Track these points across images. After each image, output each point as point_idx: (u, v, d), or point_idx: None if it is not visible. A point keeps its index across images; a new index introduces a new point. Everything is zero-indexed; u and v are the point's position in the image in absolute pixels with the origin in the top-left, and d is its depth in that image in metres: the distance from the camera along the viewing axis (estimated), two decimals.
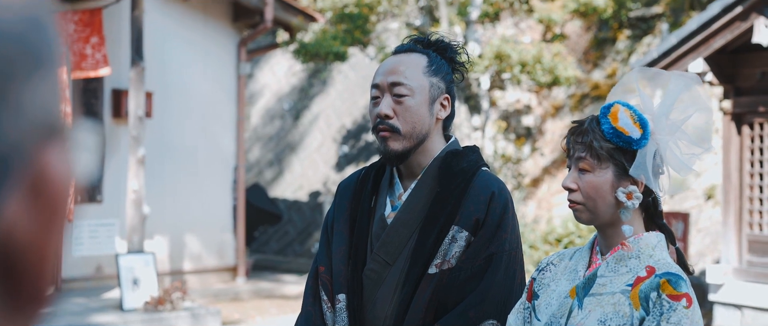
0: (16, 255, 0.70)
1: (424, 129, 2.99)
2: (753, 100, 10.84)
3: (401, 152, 2.98)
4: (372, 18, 17.49)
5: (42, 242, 0.72)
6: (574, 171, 2.64)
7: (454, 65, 3.13)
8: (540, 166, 17.78)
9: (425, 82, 2.99)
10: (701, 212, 13.99)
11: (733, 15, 10.27)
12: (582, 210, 2.64)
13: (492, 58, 15.79)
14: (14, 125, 0.69)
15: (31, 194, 0.70)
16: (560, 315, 2.65)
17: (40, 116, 0.72)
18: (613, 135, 2.57)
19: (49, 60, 0.73)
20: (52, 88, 0.73)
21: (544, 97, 18.73)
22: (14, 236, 0.70)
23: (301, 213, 20.23)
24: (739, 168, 11.00)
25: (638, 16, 18.10)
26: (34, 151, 0.71)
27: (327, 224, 3.21)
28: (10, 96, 0.69)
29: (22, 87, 0.70)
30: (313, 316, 3.07)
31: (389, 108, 2.97)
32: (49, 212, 0.72)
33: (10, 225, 0.69)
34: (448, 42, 3.14)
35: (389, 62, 3.05)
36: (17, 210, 0.70)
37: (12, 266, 0.70)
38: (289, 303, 13.94)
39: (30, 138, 0.71)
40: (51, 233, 0.72)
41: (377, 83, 3.02)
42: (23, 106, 0.70)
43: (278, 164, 22.51)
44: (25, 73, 0.70)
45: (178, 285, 11.54)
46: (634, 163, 2.57)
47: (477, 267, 2.90)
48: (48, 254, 0.73)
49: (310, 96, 23.40)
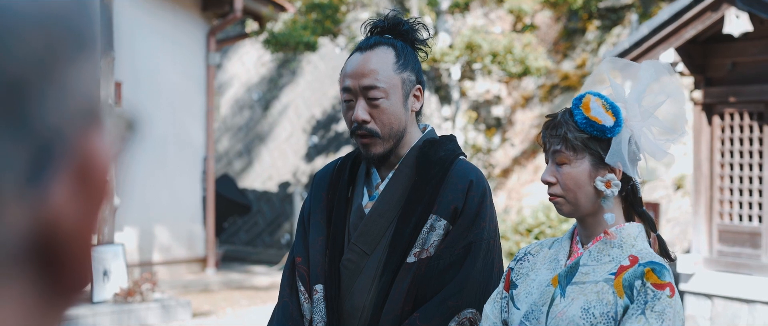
0: (62, 243, 0.68)
1: (401, 126, 2.97)
2: (723, 91, 10.89)
3: (383, 154, 2.97)
4: (342, 8, 17.46)
5: (87, 230, 0.70)
6: (552, 165, 2.64)
7: (415, 47, 3.09)
8: (510, 157, 17.81)
9: (397, 80, 2.95)
10: (670, 202, 14.05)
11: (704, 5, 10.30)
12: (563, 203, 2.64)
13: (462, 48, 15.80)
14: (59, 110, 0.67)
15: (76, 181, 0.68)
16: (542, 303, 2.64)
17: (83, 100, 0.69)
18: (587, 125, 2.57)
19: (91, 42, 0.71)
20: (94, 72, 0.71)
21: (514, 88, 18.75)
22: (60, 224, 0.67)
23: (271, 204, 20.18)
24: (709, 158, 11.05)
25: (608, 6, 18.15)
26: (78, 137, 0.69)
27: (303, 215, 3.17)
28: (55, 79, 0.67)
29: (67, 70, 0.68)
30: (290, 307, 3.03)
31: (365, 112, 2.93)
32: (94, 199, 0.70)
33: (56, 213, 0.67)
34: (407, 22, 3.09)
35: (357, 62, 2.97)
36: (63, 198, 0.67)
37: (58, 254, 0.68)
38: (259, 294, 13.90)
39: (74, 123, 0.68)
40: (95, 221, 0.70)
41: (349, 87, 2.95)
42: (67, 89, 0.68)
43: (247, 155, 22.44)
44: (69, 55, 0.68)
45: (147, 277, 11.47)
46: (609, 151, 2.57)
47: (456, 256, 2.88)
48: (90, 242, 0.71)
49: (279, 86, 23.34)
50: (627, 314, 2.48)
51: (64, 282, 0.70)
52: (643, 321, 2.44)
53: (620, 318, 2.49)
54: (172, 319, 11.33)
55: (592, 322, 2.51)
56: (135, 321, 10.99)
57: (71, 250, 0.69)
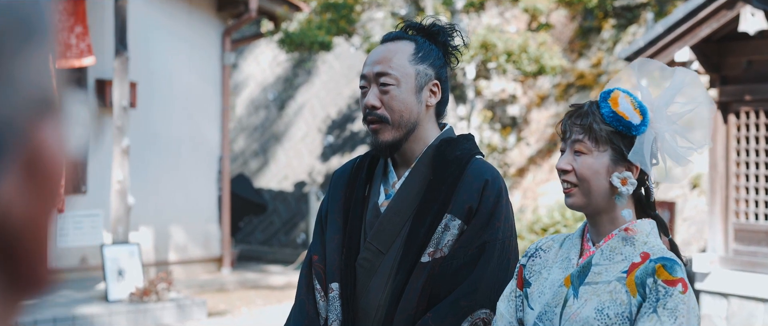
0: (13, 235, 0.67)
1: (412, 117, 2.97)
2: (739, 89, 10.85)
3: (391, 142, 2.96)
4: (357, 7, 17.45)
5: (39, 222, 0.69)
6: (569, 153, 2.62)
7: (446, 49, 3.09)
8: (525, 156, 17.77)
9: (411, 70, 2.96)
10: (687, 201, 14.01)
11: (719, 3, 10.26)
12: (576, 194, 2.62)
13: (477, 47, 15.77)
14: (6, 100, 0.66)
15: (26, 172, 0.67)
16: (555, 304, 2.63)
17: (32, 90, 0.68)
18: (613, 119, 2.57)
19: (40, 32, 0.70)
20: (44, 62, 0.70)
21: (530, 87, 18.71)
22: (10, 216, 0.66)
23: (287, 204, 20.19)
24: (725, 157, 11.01)
25: (623, 5, 18.10)
26: (28, 127, 0.67)
27: (321, 213, 3.18)
28: (0, 69, 0.66)
29: (13, 59, 0.67)
30: (307, 305, 3.04)
31: (376, 98, 2.96)
32: (45, 191, 0.69)
33: (5, 205, 0.66)
34: (440, 26, 3.10)
35: (376, 52, 3.03)
36: (12, 190, 0.66)
37: (9, 247, 0.67)
38: (275, 293, 13.91)
39: (23, 113, 0.67)
40: (48, 213, 0.69)
41: (364, 74, 3.00)
42: (15, 79, 0.66)
43: (263, 154, 22.46)
44: (15, 44, 0.67)
45: (163, 276, 11.50)
46: (633, 148, 2.57)
47: (470, 256, 2.87)
48: (45, 234, 0.70)
49: (294, 86, 23.35)
50: (640, 313, 2.46)
51: (16, 277, 0.68)
52: (656, 319, 2.43)
53: (635, 316, 2.48)
54: (187, 319, 11.36)
55: (606, 323, 2.49)
56: (150, 320, 11.02)
57: (23, 245, 0.67)
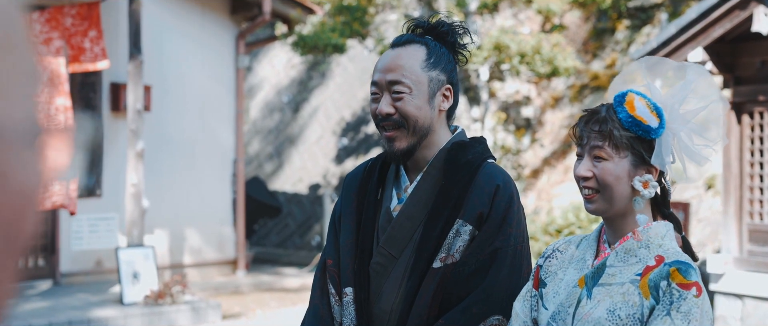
0: None
1: (426, 123, 2.95)
2: (753, 89, 10.82)
3: (406, 149, 2.95)
4: (370, 10, 17.47)
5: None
6: (589, 159, 2.60)
7: (455, 49, 3.07)
8: (540, 157, 17.75)
9: (424, 77, 2.94)
10: (701, 202, 13.97)
11: (733, 4, 10.24)
12: (597, 200, 2.60)
13: (491, 49, 15.77)
14: None
15: None
16: (568, 304, 2.62)
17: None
18: (632, 124, 2.55)
19: None
20: None
21: (544, 88, 18.70)
22: None
23: (301, 206, 20.21)
24: (739, 157, 10.99)
25: (637, 5, 18.07)
26: None
27: (334, 217, 3.17)
28: None
29: None
30: (321, 310, 3.04)
31: (389, 106, 2.93)
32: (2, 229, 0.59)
33: None
34: (448, 25, 3.07)
35: (387, 57, 2.99)
36: None
37: None
38: (289, 295, 13.92)
39: None
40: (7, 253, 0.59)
41: (376, 80, 2.97)
42: None
43: (278, 157, 22.49)
44: None
45: (178, 279, 11.53)
46: (654, 152, 2.56)
47: (481, 262, 2.86)
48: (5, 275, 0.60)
49: (309, 88, 23.37)
50: (653, 315, 2.46)
51: None
52: (669, 322, 2.42)
53: (646, 319, 2.47)
54: (202, 321, 11.38)
55: (617, 324, 2.49)
56: (165, 323, 11.05)
57: None
